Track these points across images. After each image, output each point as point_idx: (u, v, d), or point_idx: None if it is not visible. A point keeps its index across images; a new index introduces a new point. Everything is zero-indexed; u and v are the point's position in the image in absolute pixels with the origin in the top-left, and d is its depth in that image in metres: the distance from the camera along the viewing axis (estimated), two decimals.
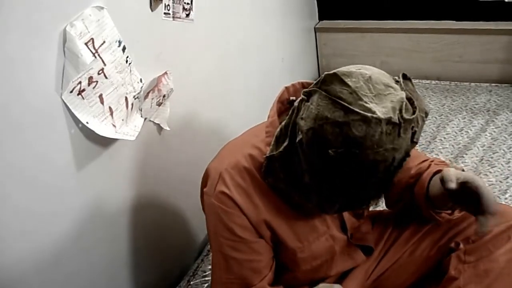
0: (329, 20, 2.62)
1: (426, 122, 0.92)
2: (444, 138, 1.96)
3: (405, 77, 0.89)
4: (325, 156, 0.83)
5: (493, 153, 1.81)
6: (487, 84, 2.32)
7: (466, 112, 2.11)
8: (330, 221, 1.10)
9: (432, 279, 1.16)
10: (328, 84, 0.84)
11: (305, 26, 2.52)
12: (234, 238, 1.03)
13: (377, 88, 0.83)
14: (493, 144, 1.86)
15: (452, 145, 1.91)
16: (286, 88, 1.06)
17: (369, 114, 0.80)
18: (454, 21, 2.36)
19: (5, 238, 1.02)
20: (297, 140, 0.88)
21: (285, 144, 0.93)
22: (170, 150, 1.51)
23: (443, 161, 1.22)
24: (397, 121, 0.81)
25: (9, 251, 1.04)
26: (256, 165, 1.01)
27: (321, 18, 2.63)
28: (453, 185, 0.93)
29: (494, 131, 1.94)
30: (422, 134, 1.95)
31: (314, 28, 2.59)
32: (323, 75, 0.86)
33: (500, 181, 1.66)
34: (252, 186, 1.01)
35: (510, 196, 1.59)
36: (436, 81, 2.42)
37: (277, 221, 1.04)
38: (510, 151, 1.80)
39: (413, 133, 0.85)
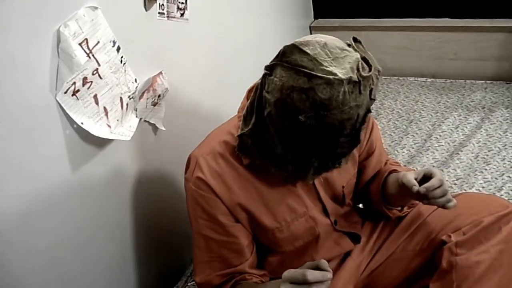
0: (324, 19, 2.63)
1: (421, 120, 0.96)
2: (440, 135, 1.97)
3: (355, 40, 0.96)
4: (296, 122, 0.88)
5: (489, 150, 1.81)
6: (482, 81, 2.33)
7: (462, 109, 2.12)
8: (309, 203, 1.13)
9: (425, 272, 1.17)
10: (288, 55, 0.89)
11: (301, 24, 2.52)
12: (211, 219, 1.08)
13: (333, 53, 0.89)
14: (489, 141, 1.87)
15: (448, 143, 1.92)
16: None
17: (331, 77, 0.85)
18: (449, 19, 2.37)
19: (3, 236, 1.02)
20: (265, 114, 0.93)
21: (253, 120, 0.98)
22: (166, 150, 1.51)
23: (397, 162, 1.32)
24: (357, 79, 0.87)
25: (7, 251, 1.04)
26: (230, 150, 1.06)
27: (316, 16, 2.63)
28: (416, 187, 1.02)
29: (490, 128, 1.94)
30: (418, 132, 1.99)
31: (310, 26, 2.59)
32: (282, 48, 0.91)
33: (496, 178, 1.67)
34: (227, 170, 1.07)
35: (505, 192, 1.59)
36: (432, 79, 2.43)
37: (252, 203, 1.08)
38: (505, 148, 1.81)
39: (370, 91, 0.91)
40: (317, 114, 0.86)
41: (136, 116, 1.34)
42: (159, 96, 1.40)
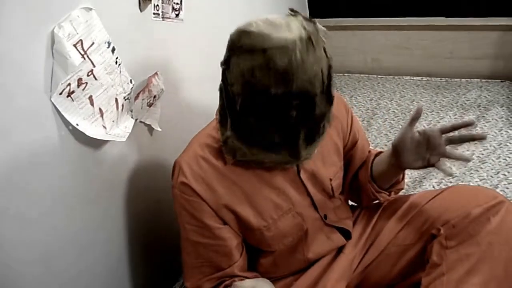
0: (320, 18, 2.61)
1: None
2: None
3: (293, 10, 0.99)
4: (269, 98, 0.89)
5: (484, 149, 1.82)
6: (478, 80, 2.33)
7: (457, 108, 2.12)
8: (297, 199, 1.14)
9: (418, 266, 1.17)
10: (237, 42, 0.92)
11: None
12: (197, 223, 1.09)
13: (276, 23, 0.91)
14: (484, 140, 1.87)
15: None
16: None
17: (282, 41, 0.87)
18: (444, 18, 2.37)
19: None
20: (238, 107, 0.94)
21: (229, 120, 0.99)
22: (162, 150, 1.51)
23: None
24: (306, 36, 0.89)
25: (1, 256, 1.03)
26: (212, 151, 1.09)
27: (311, 16, 2.63)
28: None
29: (485, 126, 1.95)
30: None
31: None
32: (229, 39, 0.94)
33: (491, 176, 1.67)
34: (210, 172, 1.08)
35: (501, 190, 1.59)
36: (427, 78, 2.43)
37: (238, 203, 1.09)
38: (501, 147, 1.81)
39: (324, 49, 0.93)
40: (284, 82, 0.88)
41: (132, 117, 1.33)
42: (154, 97, 1.40)
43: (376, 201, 1.28)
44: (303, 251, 1.18)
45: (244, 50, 0.90)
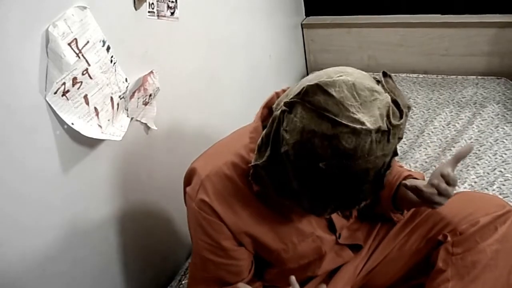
0: (316, 16, 2.63)
1: (414, 116, 0.94)
2: (432, 132, 1.97)
3: (385, 75, 0.88)
4: (315, 168, 0.82)
5: (480, 146, 1.82)
6: (474, 76, 2.33)
7: (453, 105, 2.12)
8: (315, 222, 1.10)
9: (421, 272, 1.16)
10: (311, 95, 0.81)
11: (292, 22, 2.52)
12: (213, 243, 1.04)
13: (362, 96, 0.81)
14: (480, 137, 1.87)
15: (440, 139, 1.92)
16: (276, 93, 1.03)
17: (358, 126, 0.78)
18: (439, 15, 2.37)
19: None
20: (282, 151, 0.86)
21: (268, 153, 0.90)
22: (158, 149, 1.51)
23: (402, 166, 1.27)
24: (386, 129, 0.80)
25: None
26: (238, 172, 1.01)
27: (307, 14, 2.63)
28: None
29: (481, 124, 1.95)
30: (410, 129, 2.00)
31: (301, 24, 2.59)
32: (304, 86, 0.82)
33: (488, 173, 1.67)
34: (234, 194, 1.01)
35: (497, 187, 1.60)
36: (423, 75, 2.43)
37: (259, 229, 1.04)
38: (497, 143, 1.81)
39: (399, 138, 0.85)
40: (340, 163, 0.80)
41: (127, 116, 1.33)
42: (150, 95, 1.39)
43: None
44: (314, 270, 1.15)
45: (314, 108, 0.80)
